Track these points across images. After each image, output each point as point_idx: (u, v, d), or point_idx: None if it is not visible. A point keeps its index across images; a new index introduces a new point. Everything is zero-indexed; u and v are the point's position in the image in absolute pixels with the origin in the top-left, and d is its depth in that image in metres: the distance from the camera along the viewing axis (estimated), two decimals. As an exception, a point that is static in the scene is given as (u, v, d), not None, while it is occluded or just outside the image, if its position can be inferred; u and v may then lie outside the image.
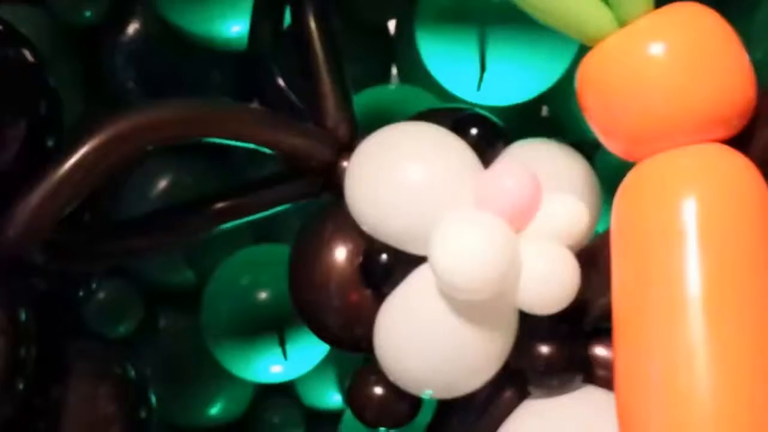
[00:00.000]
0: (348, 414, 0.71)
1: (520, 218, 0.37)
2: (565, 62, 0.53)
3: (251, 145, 0.43)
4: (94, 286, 0.48)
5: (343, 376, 0.74)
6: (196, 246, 0.70)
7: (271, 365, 0.66)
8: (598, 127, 0.35)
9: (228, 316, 0.65)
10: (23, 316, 0.37)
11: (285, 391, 0.75)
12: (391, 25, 0.70)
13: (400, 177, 0.40)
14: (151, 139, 0.39)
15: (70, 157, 0.38)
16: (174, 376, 0.70)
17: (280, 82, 0.51)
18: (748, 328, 0.31)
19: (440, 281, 0.37)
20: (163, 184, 0.69)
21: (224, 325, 0.65)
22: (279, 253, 0.69)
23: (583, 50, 0.42)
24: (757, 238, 0.32)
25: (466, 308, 0.38)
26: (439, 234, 0.36)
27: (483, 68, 0.53)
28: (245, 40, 0.58)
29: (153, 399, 0.47)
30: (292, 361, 0.64)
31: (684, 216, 0.32)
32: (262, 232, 0.73)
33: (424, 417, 0.46)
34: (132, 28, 0.65)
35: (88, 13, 0.63)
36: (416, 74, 0.67)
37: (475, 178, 0.39)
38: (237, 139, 0.43)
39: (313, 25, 0.45)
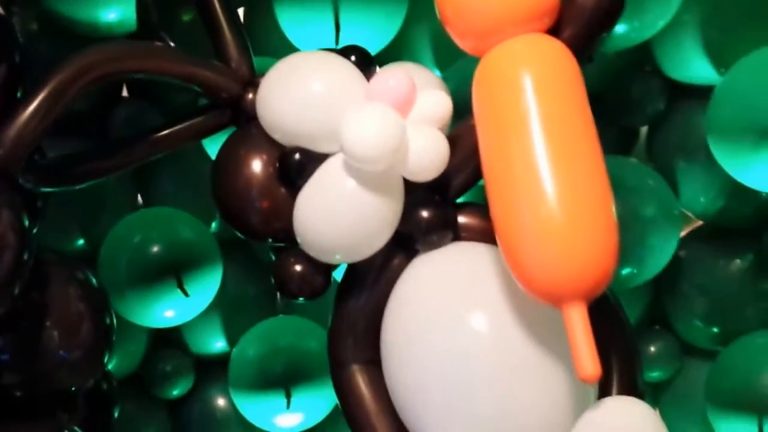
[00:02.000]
0: (234, 356, 0.79)
1: (403, 108, 0.49)
2: (400, 19, 0.66)
3: (173, 80, 0.53)
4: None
5: (226, 324, 0.82)
6: (87, 216, 0.77)
7: (168, 310, 0.73)
8: (455, 33, 0.48)
9: (125, 270, 0.70)
10: (26, 222, 0.44)
11: (174, 343, 0.81)
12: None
13: (306, 89, 0.51)
14: (105, 72, 0.48)
15: (46, 85, 0.46)
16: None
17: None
18: (579, 155, 0.44)
19: (350, 157, 0.48)
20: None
21: (122, 279, 0.71)
22: (162, 214, 0.77)
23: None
24: (575, 95, 0.45)
25: (367, 182, 0.49)
26: (347, 120, 0.48)
27: (338, 29, 0.65)
28: (126, 24, 0.68)
29: (113, 313, 0.55)
30: (190, 300, 0.72)
31: (524, 83, 0.45)
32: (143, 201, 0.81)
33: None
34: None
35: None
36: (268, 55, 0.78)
37: (363, 85, 0.51)
38: (164, 73, 0.52)
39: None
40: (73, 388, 0.52)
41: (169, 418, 0.82)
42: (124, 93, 0.77)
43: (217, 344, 0.82)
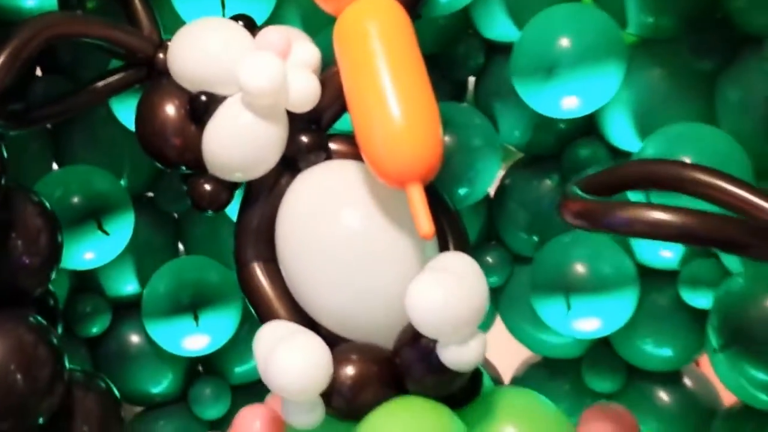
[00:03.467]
0: (146, 292, 0.92)
1: (283, 55, 0.65)
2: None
3: (103, 42, 0.68)
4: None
5: (137, 269, 0.94)
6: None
7: (89, 251, 0.84)
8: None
9: (51, 219, 0.84)
10: (4, 151, 0.57)
11: (92, 287, 0.92)
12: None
13: (207, 45, 0.66)
14: (54, 34, 0.62)
15: (6, 47, 0.60)
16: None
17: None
18: (412, 81, 0.60)
19: (246, 93, 0.63)
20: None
21: (48, 228, 0.83)
22: (80, 170, 0.88)
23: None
24: (408, 39, 0.61)
25: (258, 114, 0.64)
26: (242, 65, 0.63)
27: (223, 5, 0.79)
28: (46, 9, 0.80)
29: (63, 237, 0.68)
30: (109, 240, 0.85)
31: (369, 31, 0.60)
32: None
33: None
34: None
35: None
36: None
37: (251, 41, 0.67)
38: (96, 36, 0.66)
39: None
40: (28, 290, 0.65)
41: (89, 354, 0.93)
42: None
43: (129, 287, 0.93)
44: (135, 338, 0.94)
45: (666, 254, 0.83)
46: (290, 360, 0.62)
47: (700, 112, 0.76)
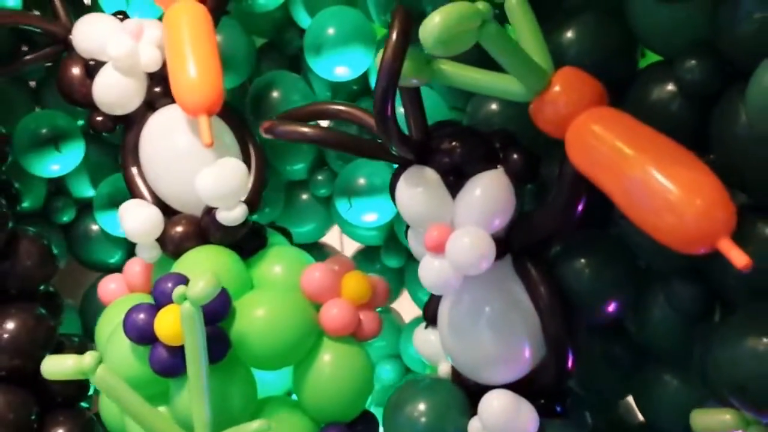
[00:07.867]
0: (95, 196, 1.12)
1: (135, 36, 0.90)
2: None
3: (34, 27, 0.93)
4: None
5: (93, 179, 1.20)
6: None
7: (53, 165, 1.07)
8: (157, 2, 0.89)
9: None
10: None
11: (63, 192, 1.12)
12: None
13: (96, 30, 0.91)
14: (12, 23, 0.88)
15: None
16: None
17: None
18: (204, 45, 0.84)
19: (113, 59, 0.88)
20: None
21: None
22: (47, 113, 1.06)
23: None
24: (206, 26, 0.84)
25: (124, 72, 0.88)
26: (110, 43, 0.88)
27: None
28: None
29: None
30: (66, 156, 1.08)
31: (181, 21, 0.84)
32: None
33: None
34: None
35: None
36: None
37: (120, 26, 0.92)
38: (31, 24, 0.92)
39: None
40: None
41: (63, 237, 1.15)
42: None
43: (88, 192, 1.13)
44: (94, 227, 1.15)
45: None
46: (137, 217, 0.88)
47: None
